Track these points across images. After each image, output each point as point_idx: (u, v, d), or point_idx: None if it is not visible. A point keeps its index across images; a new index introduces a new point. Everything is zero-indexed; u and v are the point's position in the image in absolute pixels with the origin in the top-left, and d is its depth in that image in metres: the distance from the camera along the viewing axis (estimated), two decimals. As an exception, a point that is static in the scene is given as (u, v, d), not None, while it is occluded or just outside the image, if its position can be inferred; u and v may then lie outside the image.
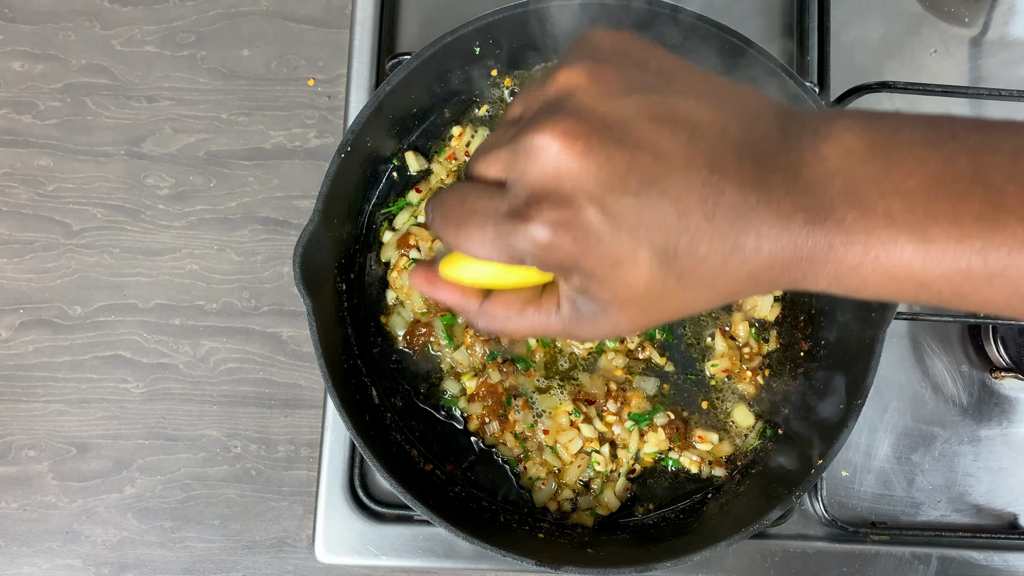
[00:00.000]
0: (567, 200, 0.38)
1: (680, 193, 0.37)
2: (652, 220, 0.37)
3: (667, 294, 0.40)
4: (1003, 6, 0.94)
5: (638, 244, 0.38)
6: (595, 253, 0.38)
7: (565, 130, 0.38)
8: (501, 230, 0.40)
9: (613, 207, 0.37)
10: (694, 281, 0.39)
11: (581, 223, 0.38)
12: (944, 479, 0.87)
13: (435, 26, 0.92)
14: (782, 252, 0.37)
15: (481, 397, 0.81)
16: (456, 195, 0.43)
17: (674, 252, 0.38)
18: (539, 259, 0.40)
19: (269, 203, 0.92)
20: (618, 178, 0.37)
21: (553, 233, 0.38)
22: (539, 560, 0.70)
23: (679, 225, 0.37)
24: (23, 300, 0.91)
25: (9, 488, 0.88)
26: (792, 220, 0.37)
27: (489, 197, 0.41)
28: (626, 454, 0.81)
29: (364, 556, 0.83)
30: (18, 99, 0.94)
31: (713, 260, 0.38)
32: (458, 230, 0.42)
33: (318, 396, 0.89)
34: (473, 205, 0.42)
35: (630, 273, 0.39)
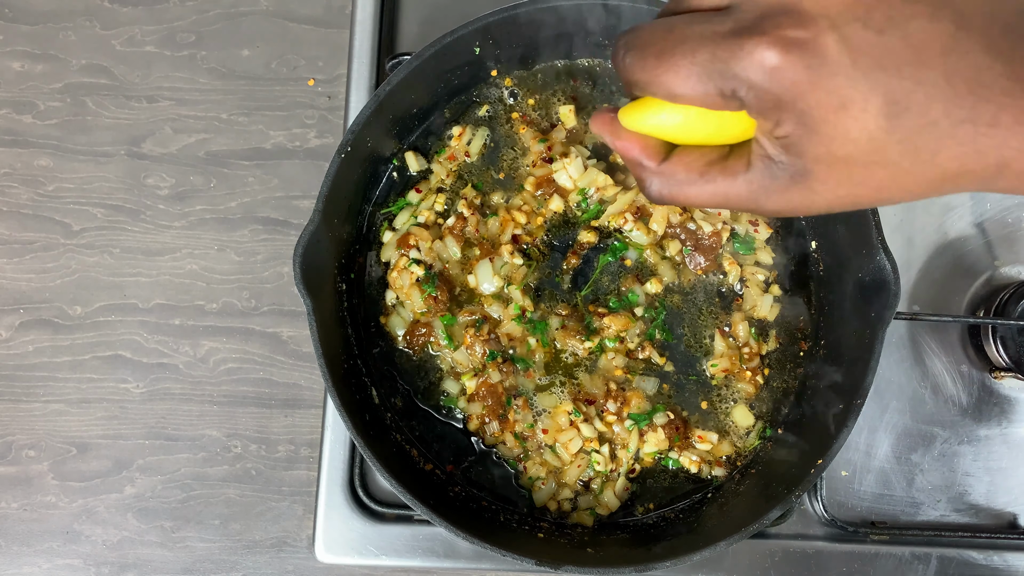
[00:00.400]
0: (807, 20, 0.35)
1: (924, 42, 0.34)
2: (891, 64, 0.34)
3: (883, 159, 0.36)
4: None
5: (872, 88, 0.34)
6: (824, 87, 0.35)
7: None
8: (720, 52, 0.36)
9: (854, 38, 0.34)
10: (915, 147, 0.35)
11: (818, 47, 0.34)
12: (944, 479, 0.87)
13: (435, 26, 0.92)
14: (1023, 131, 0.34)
15: (481, 397, 0.81)
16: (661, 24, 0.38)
17: (906, 106, 0.35)
18: (759, 89, 0.36)
19: (269, 203, 0.92)
20: (865, 9, 0.35)
21: (785, 54, 0.35)
22: (539, 560, 0.70)
23: (916, 76, 0.34)
24: (23, 300, 0.91)
25: (9, 488, 0.88)
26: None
27: (706, 20, 0.37)
28: (626, 454, 0.81)
29: (364, 556, 0.83)
30: (18, 99, 0.94)
31: (942, 126, 0.35)
32: (660, 60, 0.38)
33: (318, 396, 0.89)
34: (685, 30, 0.37)
35: (855, 121, 0.35)
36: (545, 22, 0.79)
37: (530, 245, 0.84)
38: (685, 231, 0.84)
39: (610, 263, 0.84)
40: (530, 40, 0.82)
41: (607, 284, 0.84)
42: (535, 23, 0.79)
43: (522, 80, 0.87)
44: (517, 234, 0.84)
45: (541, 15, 0.78)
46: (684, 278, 0.84)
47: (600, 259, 0.84)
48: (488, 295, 0.83)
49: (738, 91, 0.36)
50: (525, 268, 0.83)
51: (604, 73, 0.87)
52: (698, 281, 0.85)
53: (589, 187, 0.84)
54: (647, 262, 0.84)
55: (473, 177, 0.86)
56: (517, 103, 0.87)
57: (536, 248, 0.84)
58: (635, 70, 0.39)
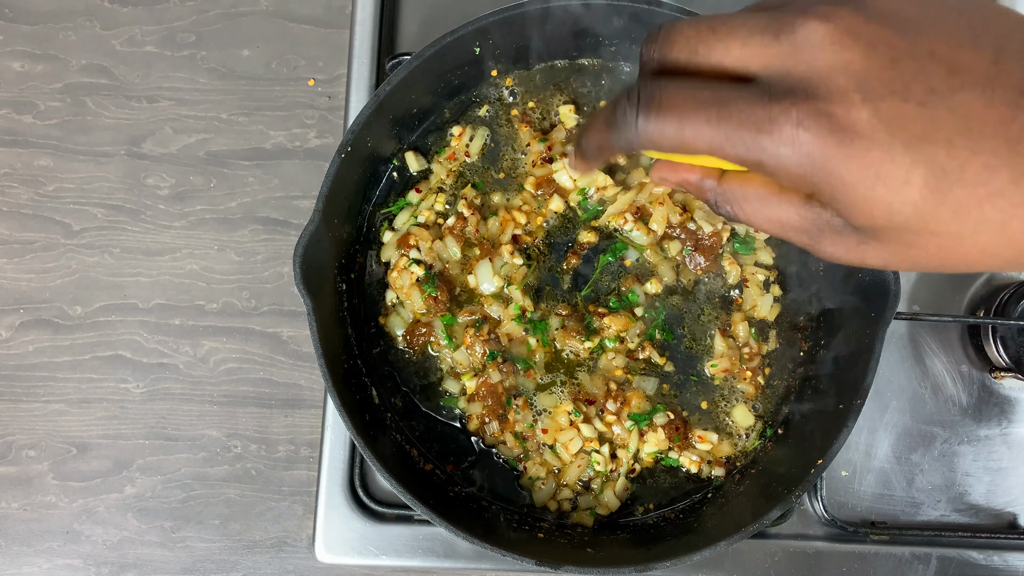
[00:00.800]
0: (840, 96, 0.33)
1: (977, 111, 0.32)
2: (936, 135, 0.32)
3: (938, 228, 0.33)
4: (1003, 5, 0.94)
5: (915, 161, 0.32)
6: (860, 162, 0.33)
7: (851, 22, 0.33)
8: (749, 121, 0.34)
9: (891, 113, 0.32)
10: (977, 218, 0.33)
11: (852, 123, 0.32)
12: (944, 479, 0.87)
13: (435, 26, 0.92)
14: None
15: (481, 397, 0.81)
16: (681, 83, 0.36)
17: (959, 176, 0.32)
18: (789, 163, 0.34)
19: (269, 203, 0.92)
20: (902, 83, 0.32)
21: (816, 131, 0.33)
22: (539, 560, 0.70)
23: (971, 146, 0.32)
24: (23, 300, 0.91)
25: (9, 488, 0.88)
26: None
27: (731, 87, 0.35)
28: (626, 454, 0.81)
29: (364, 556, 0.83)
30: (18, 99, 0.94)
31: (1010, 195, 0.32)
32: (684, 116, 0.36)
33: (318, 396, 0.89)
34: (716, 93, 0.35)
35: (897, 194, 0.33)
36: (545, 22, 0.79)
37: (530, 245, 0.84)
38: (685, 231, 0.84)
39: (610, 263, 0.84)
40: (530, 40, 0.82)
41: (607, 284, 0.84)
42: (535, 23, 0.79)
43: (522, 80, 0.87)
44: (517, 234, 0.84)
45: (541, 15, 0.78)
46: (684, 278, 0.84)
47: (600, 259, 0.84)
48: (488, 295, 0.83)
49: (765, 165, 0.35)
50: (525, 268, 0.83)
51: (604, 73, 0.87)
52: (698, 281, 0.85)
53: (589, 187, 0.84)
54: (647, 262, 0.84)
55: (473, 177, 0.86)
56: (517, 103, 0.87)
57: (536, 248, 0.84)
58: (658, 125, 0.37)
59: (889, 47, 0.33)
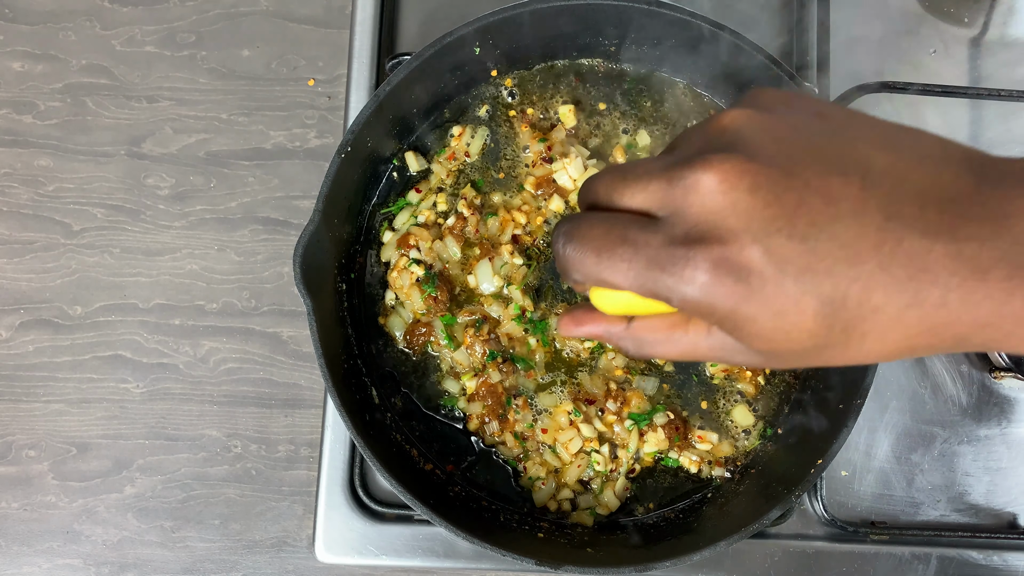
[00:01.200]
0: (731, 238, 0.36)
1: (851, 239, 0.35)
2: (820, 267, 0.35)
3: (830, 344, 0.37)
4: (1003, 6, 0.94)
5: (804, 292, 0.35)
6: (757, 299, 0.36)
7: (733, 166, 0.36)
8: (653, 263, 0.38)
9: (780, 250, 0.35)
10: (861, 333, 0.36)
11: (745, 263, 0.36)
12: (944, 479, 0.87)
13: (435, 26, 0.92)
14: (975, 309, 0.34)
15: (481, 397, 0.81)
16: (599, 223, 0.40)
17: (842, 302, 0.35)
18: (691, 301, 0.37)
19: (269, 203, 0.92)
20: (786, 220, 0.35)
21: (713, 272, 0.36)
22: (539, 560, 0.70)
23: (850, 273, 0.35)
24: (23, 300, 0.91)
25: (9, 488, 0.88)
26: (990, 274, 0.34)
27: (640, 227, 0.39)
28: (626, 454, 0.81)
29: (364, 556, 0.83)
30: (18, 99, 0.94)
31: (886, 313, 0.35)
32: (600, 258, 0.40)
33: (318, 396, 0.89)
34: (622, 234, 0.39)
35: (793, 324, 0.36)
36: (545, 22, 0.79)
37: (530, 245, 0.84)
38: (685, 231, 0.83)
39: (610, 263, 0.84)
40: (530, 40, 0.82)
41: (607, 284, 0.84)
42: (535, 23, 0.79)
43: (522, 80, 0.87)
44: (517, 234, 0.84)
45: (541, 15, 0.78)
46: (684, 278, 0.84)
47: (600, 259, 0.84)
48: (488, 295, 0.83)
49: (672, 300, 0.38)
50: (525, 268, 0.83)
51: (604, 73, 0.87)
52: (698, 281, 0.84)
53: (589, 187, 0.84)
54: (647, 262, 0.84)
55: (473, 174, 0.86)
56: (517, 103, 0.87)
57: (536, 248, 0.84)
58: (575, 264, 0.41)
59: (771, 184, 0.36)
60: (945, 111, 0.91)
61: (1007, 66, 0.93)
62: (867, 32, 0.93)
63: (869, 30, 0.93)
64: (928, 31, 0.93)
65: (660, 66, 0.86)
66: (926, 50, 0.93)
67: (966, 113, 0.92)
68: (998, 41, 0.94)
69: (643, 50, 0.84)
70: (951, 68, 0.93)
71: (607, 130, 0.87)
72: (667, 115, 0.87)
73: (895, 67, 0.92)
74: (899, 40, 0.93)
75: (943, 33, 0.93)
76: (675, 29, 0.79)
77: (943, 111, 0.91)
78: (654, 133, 0.86)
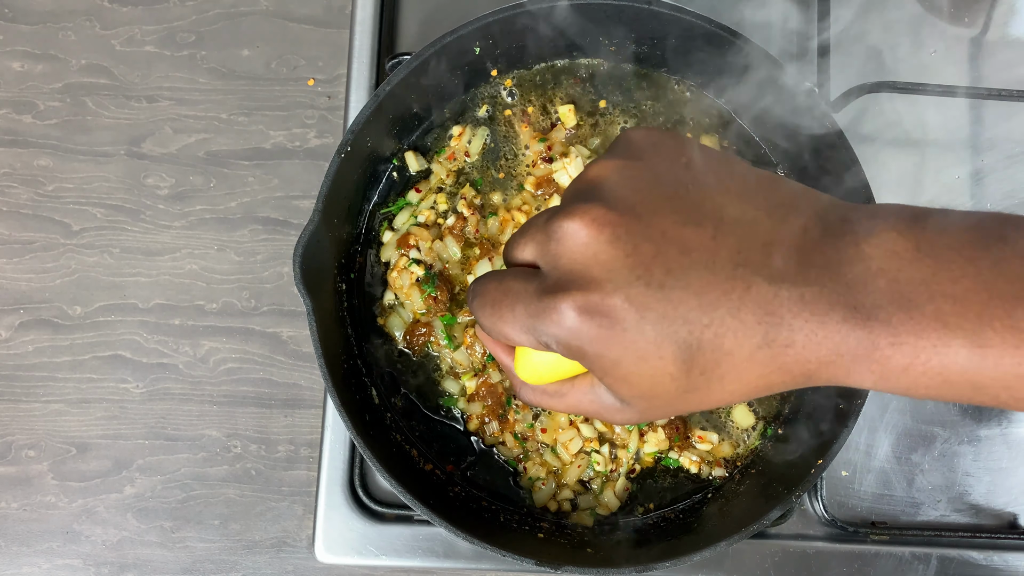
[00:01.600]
0: (595, 285, 0.38)
1: (704, 287, 0.37)
2: (676, 314, 0.37)
3: (692, 388, 0.39)
4: (1003, 6, 0.94)
5: (662, 338, 0.38)
6: (620, 344, 0.38)
7: (594, 218, 0.38)
8: (530, 311, 0.40)
9: (639, 298, 0.37)
10: (719, 375, 0.39)
11: (607, 309, 0.38)
12: (944, 479, 0.87)
13: (435, 26, 0.92)
14: (818, 348, 0.37)
15: (481, 397, 0.81)
16: (494, 278, 0.44)
17: (698, 346, 0.38)
18: (564, 344, 0.40)
19: (269, 203, 0.92)
20: (644, 268, 0.37)
21: (579, 317, 0.38)
22: (539, 560, 0.70)
23: (703, 320, 0.37)
24: (23, 300, 0.91)
25: (9, 488, 0.88)
26: (829, 316, 0.36)
27: (524, 279, 0.42)
28: (626, 454, 0.81)
29: (364, 556, 0.83)
30: (18, 99, 0.94)
31: (739, 354, 0.38)
32: (492, 311, 0.43)
33: (318, 396, 0.89)
34: (508, 286, 0.42)
35: (654, 368, 0.39)
36: (545, 22, 0.79)
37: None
38: (685, 231, 0.83)
39: (610, 263, 0.84)
40: (530, 40, 0.82)
41: (607, 284, 0.84)
42: (535, 23, 0.79)
43: (522, 80, 0.87)
44: (517, 234, 0.84)
45: (541, 15, 0.78)
46: (684, 278, 0.84)
47: (600, 259, 0.84)
48: (488, 295, 0.83)
49: (551, 345, 0.41)
50: (525, 268, 0.83)
51: (604, 73, 0.87)
52: (698, 281, 0.84)
53: (589, 187, 0.84)
54: (647, 262, 0.84)
55: (473, 173, 0.86)
56: (517, 103, 0.87)
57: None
58: (480, 317, 0.44)
59: (630, 234, 0.38)
60: (945, 111, 0.91)
61: (1007, 66, 0.93)
62: (867, 32, 0.93)
63: (869, 30, 0.93)
64: (928, 31, 0.93)
65: (660, 66, 0.86)
66: (926, 50, 0.93)
67: (966, 113, 0.92)
68: (998, 41, 0.94)
69: (643, 50, 0.84)
70: (951, 68, 0.93)
71: (607, 130, 0.86)
72: (667, 114, 0.87)
73: (895, 67, 0.92)
74: (899, 40, 0.93)
75: (943, 33, 0.93)
76: (675, 29, 0.79)
77: (943, 111, 0.91)
78: (654, 133, 0.86)
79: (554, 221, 0.40)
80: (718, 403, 0.41)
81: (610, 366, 0.39)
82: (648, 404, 0.41)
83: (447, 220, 0.84)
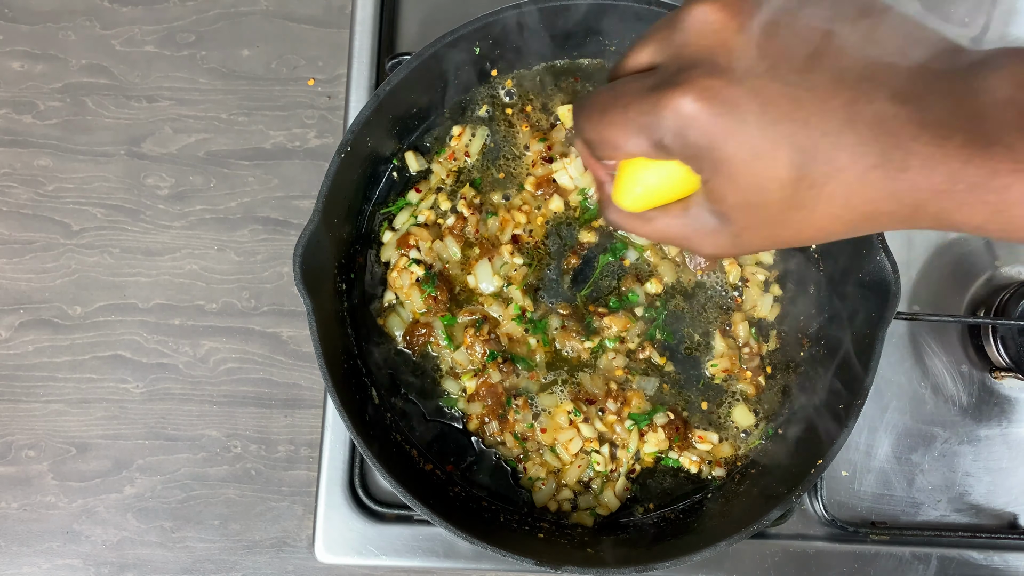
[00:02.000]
0: (720, 71, 0.36)
1: (828, 93, 0.36)
2: (798, 115, 0.36)
3: (798, 204, 0.37)
4: (1003, 6, 0.94)
5: (780, 137, 0.36)
6: (736, 137, 0.36)
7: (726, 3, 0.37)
8: (646, 106, 0.38)
9: (764, 89, 0.36)
10: (828, 193, 0.37)
11: (731, 97, 0.36)
12: (944, 479, 0.87)
13: (435, 26, 0.92)
14: (932, 174, 0.35)
15: (481, 397, 0.81)
16: (604, 89, 0.42)
17: (813, 155, 0.36)
18: (680, 136, 0.37)
19: (269, 203, 0.92)
20: (771, 62, 0.36)
21: (699, 102, 0.36)
22: (539, 560, 0.70)
23: (823, 127, 0.35)
24: (23, 300, 0.91)
25: (9, 488, 0.88)
26: (949, 140, 0.34)
27: (638, 80, 0.40)
28: (626, 454, 0.81)
29: (364, 556, 0.83)
30: (18, 99, 0.94)
31: (852, 171, 0.36)
32: (601, 116, 0.41)
33: (318, 396, 0.89)
34: (620, 89, 0.40)
35: (766, 170, 0.37)
36: (545, 22, 0.79)
37: (530, 245, 0.84)
38: (685, 231, 0.83)
39: (610, 263, 0.84)
40: (530, 40, 0.82)
41: (607, 284, 0.84)
42: (535, 23, 0.79)
43: (522, 80, 0.87)
44: (517, 234, 0.84)
45: (541, 15, 0.78)
46: (684, 278, 0.84)
47: (600, 259, 0.84)
48: (488, 295, 0.83)
49: (664, 139, 0.38)
50: (525, 268, 0.83)
51: (604, 73, 0.87)
52: (698, 281, 0.85)
53: (589, 187, 0.84)
54: (647, 262, 0.84)
55: (473, 173, 0.86)
56: (517, 103, 0.87)
57: (536, 248, 0.84)
58: (586, 128, 0.42)
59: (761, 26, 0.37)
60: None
61: (1007, 66, 0.93)
62: (867, 32, 0.92)
63: (869, 30, 0.93)
64: (928, 31, 0.93)
65: (660, 66, 0.86)
66: (926, 50, 0.93)
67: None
68: (998, 41, 0.93)
69: (643, 50, 0.84)
70: (951, 68, 0.92)
71: (607, 130, 0.86)
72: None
73: (895, 67, 0.92)
74: (899, 40, 0.93)
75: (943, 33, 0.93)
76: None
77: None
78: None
79: (682, 10, 0.38)
80: (818, 231, 0.39)
81: (722, 161, 0.37)
82: (747, 220, 0.39)
83: (447, 220, 0.84)
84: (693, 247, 0.44)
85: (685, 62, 0.38)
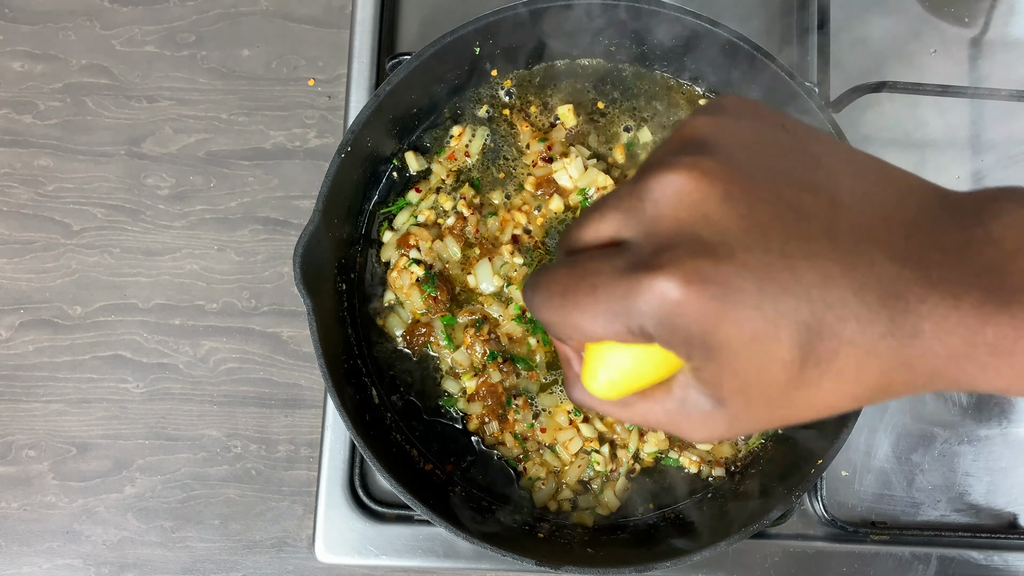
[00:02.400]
0: (709, 247, 0.32)
1: (826, 260, 0.32)
2: (798, 288, 0.32)
3: (803, 383, 0.33)
4: (1003, 6, 0.94)
5: (780, 316, 0.32)
6: (733, 320, 0.32)
7: (704, 171, 0.33)
8: (619, 291, 0.33)
9: (759, 264, 0.32)
10: (836, 369, 0.33)
11: (723, 277, 0.32)
12: (944, 479, 0.87)
13: (435, 26, 0.92)
14: (949, 338, 0.32)
15: (481, 397, 0.81)
16: (562, 264, 0.37)
17: (818, 331, 0.32)
18: (666, 325, 0.33)
19: (269, 203, 0.92)
20: (761, 232, 0.32)
21: (686, 288, 0.32)
22: (539, 560, 0.70)
23: (825, 298, 0.32)
24: (23, 300, 0.91)
25: (9, 488, 0.88)
26: (962, 300, 0.31)
27: (604, 257, 0.35)
28: (626, 454, 0.81)
29: (364, 556, 0.83)
30: (18, 99, 0.94)
31: (861, 344, 0.32)
32: (564, 301, 0.36)
33: (318, 396, 0.89)
34: (584, 268, 0.35)
35: (768, 352, 0.32)
36: (545, 22, 0.79)
37: (530, 245, 0.84)
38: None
39: (610, 263, 0.84)
40: (531, 40, 0.82)
41: (607, 284, 0.84)
42: (535, 23, 0.79)
43: (522, 80, 0.87)
44: (517, 234, 0.84)
45: (541, 15, 0.78)
46: (684, 278, 0.84)
47: (600, 259, 0.84)
48: (488, 295, 0.83)
49: (644, 327, 0.34)
50: (525, 268, 0.83)
51: (604, 73, 0.87)
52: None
53: (589, 187, 0.84)
54: (647, 262, 0.84)
55: (473, 173, 0.86)
56: (517, 103, 0.87)
57: (536, 248, 0.84)
58: (544, 311, 0.37)
59: (744, 193, 0.32)
60: (945, 111, 0.91)
61: (1007, 66, 0.93)
62: (867, 32, 0.93)
63: (869, 30, 0.93)
64: (928, 31, 0.93)
65: (660, 65, 0.86)
66: (926, 50, 0.93)
67: (966, 113, 0.92)
68: (998, 41, 0.94)
69: (643, 49, 0.84)
70: (951, 68, 0.93)
71: (607, 130, 0.87)
72: (667, 114, 0.87)
73: (895, 67, 0.92)
74: (899, 40, 0.93)
75: (943, 33, 0.93)
76: (675, 28, 0.79)
77: (943, 111, 0.91)
78: (655, 131, 0.86)
79: (650, 178, 0.34)
80: (826, 407, 0.35)
81: (716, 348, 0.33)
82: (745, 404, 0.35)
83: (447, 220, 0.84)
84: (683, 434, 0.38)
85: (662, 240, 0.33)
